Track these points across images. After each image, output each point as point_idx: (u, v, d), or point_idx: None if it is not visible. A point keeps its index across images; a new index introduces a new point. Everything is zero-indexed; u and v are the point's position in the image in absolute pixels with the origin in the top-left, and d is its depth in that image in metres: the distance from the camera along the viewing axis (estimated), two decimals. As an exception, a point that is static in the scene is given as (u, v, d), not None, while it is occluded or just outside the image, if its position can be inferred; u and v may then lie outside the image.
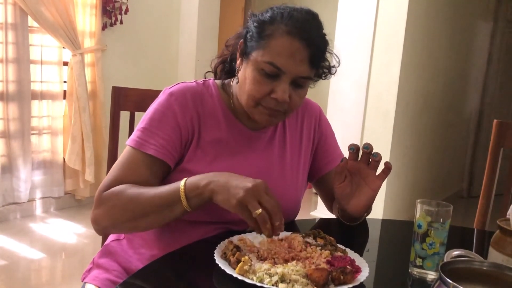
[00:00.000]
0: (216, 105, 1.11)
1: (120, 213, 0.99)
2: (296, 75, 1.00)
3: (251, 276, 0.82)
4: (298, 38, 0.98)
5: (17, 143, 3.18)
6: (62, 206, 3.53)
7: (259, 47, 1.01)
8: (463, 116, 4.71)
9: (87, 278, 1.15)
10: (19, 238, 2.95)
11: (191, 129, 1.07)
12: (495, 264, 0.71)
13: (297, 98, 1.04)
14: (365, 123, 3.33)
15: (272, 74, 1.00)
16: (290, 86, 1.01)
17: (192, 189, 0.93)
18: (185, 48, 4.15)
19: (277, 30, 0.99)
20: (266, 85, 1.01)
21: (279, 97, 1.00)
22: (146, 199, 0.97)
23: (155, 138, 1.04)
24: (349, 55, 3.31)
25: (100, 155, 3.60)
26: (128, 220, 0.99)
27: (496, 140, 1.48)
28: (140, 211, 0.97)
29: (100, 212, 1.00)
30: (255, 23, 1.03)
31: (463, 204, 4.61)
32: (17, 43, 3.09)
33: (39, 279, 2.57)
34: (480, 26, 4.59)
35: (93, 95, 3.55)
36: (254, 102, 1.03)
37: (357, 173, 1.10)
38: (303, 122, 1.23)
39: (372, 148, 1.07)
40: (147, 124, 1.05)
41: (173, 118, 1.06)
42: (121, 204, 0.98)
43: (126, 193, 0.98)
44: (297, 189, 1.19)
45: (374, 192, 1.10)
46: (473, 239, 1.30)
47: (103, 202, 1.00)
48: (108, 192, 1.00)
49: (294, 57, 0.98)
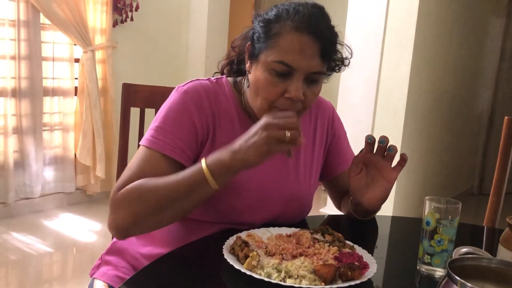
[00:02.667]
0: (230, 104, 1.09)
1: (143, 207, 0.93)
2: (308, 71, 0.97)
3: (259, 271, 0.82)
4: (306, 33, 0.95)
5: (29, 139, 3.22)
6: (73, 201, 3.56)
7: (267, 47, 0.98)
8: (474, 113, 4.67)
9: (95, 274, 1.16)
10: (31, 233, 2.98)
11: (207, 129, 1.05)
12: (503, 262, 0.70)
13: (312, 95, 1.00)
14: (375, 120, 3.32)
15: (283, 73, 0.97)
16: (303, 83, 0.98)
17: (217, 167, 0.89)
18: (195, 45, 4.16)
19: (284, 27, 0.96)
20: (279, 85, 0.97)
21: (294, 96, 0.97)
22: (169, 186, 0.92)
23: (170, 138, 1.00)
24: (359, 52, 3.26)
25: (111, 151, 3.63)
26: (153, 214, 0.93)
27: (506, 138, 1.47)
28: (165, 200, 0.92)
29: (119, 213, 0.94)
30: (261, 23, 1.00)
31: (474, 202, 4.57)
32: (29, 40, 3.12)
33: (50, 274, 2.60)
34: (492, 22, 4.54)
35: (104, 92, 3.58)
36: (268, 105, 0.99)
37: (372, 165, 1.09)
38: (317, 121, 1.21)
39: (388, 142, 1.06)
40: (162, 123, 1.02)
41: (189, 117, 1.03)
42: (142, 198, 0.93)
43: (145, 185, 0.93)
44: (310, 189, 1.18)
45: (390, 184, 1.09)
46: (483, 237, 1.29)
47: (120, 202, 0.94)
48: (123, 190, 0.94)
49: (304, 53, 0.95)
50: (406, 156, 1.05)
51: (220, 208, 1.06)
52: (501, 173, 1.48)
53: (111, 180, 3.60)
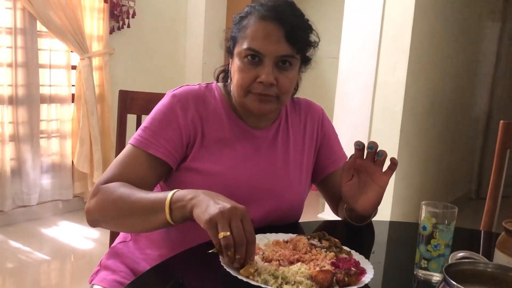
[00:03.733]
0: (219, 106, 1.14)
1: (109, 208, 0.99)
2: (276, 55, 1.04)
3: (256, 278, 0.82)
4: (270, 19, 1.04)
5: (26, 147, 3.21)
6: (71, 209, 3.55)
7: (239, 39, 1.08)
8: (471, 117, 4.68)
9: (94, 280, 1.16)
10: (28, 241, 2.97)
11: (193, 131, 1.10)
12: (500, 266, 0.71)
13: (285, 80, 1.07)
14: (372, 125, 3.32)
15: (254, 59, 1.05)
16: (275, 68, 1.05)
17: (177, 200, 0.90)
18: (192, 51, 4.16)
19: (251, 19, 1.07)
20: (251, 71, 1.05)
21: (264, 80, 1.03)
22: (135, 200, 0.96)
23: (156, 138, 1.06)
24: (355, 57, 3.30)
25: (108, 158, 3.62)
26: (115, 217, 1.00)
27: (502, 141, 1.47)
28: (126, 210, 0.97)
29: (93, 203, 1.01)
30: (235, 21, 1.11)
31: (472, 206, 4.57)
32: (26, 48, 3.12)
33: (48, 282, 2.59)
34: (487, 27, 4.56)
35: (101, 99, 3.58)
36: (244, 91, 1.07)
37: (363, 170, 1.11)
38: (306, 122, 1.24)
39: (377, 147, 1.08)
40: (149, 124, 1.08)
41: (174, 119, 1.09)
42: (111, 200, 0.99)
43: (119, 190, 0.99)
44: (301, 189, 1.20)
45: (382, 189, 1.10)
46: (480, 241, 1.29)
47: (97, 195, 1.01)
48: (104, 186, 1.02)
49: (270, 38, 1.03)
50: (396, 160, 1.07)
51: None
52: (497, 177, 1.48)
53: (108, 187, 3.58)
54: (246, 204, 1.08)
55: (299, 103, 1.26)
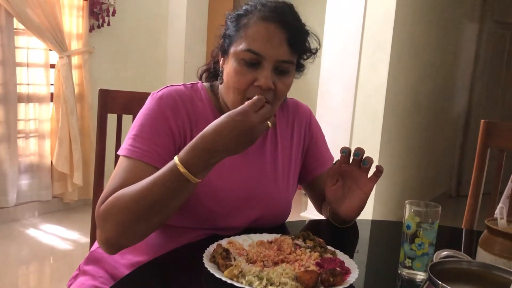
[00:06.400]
0: (207, 108, 1.09)
1: (126, 216, 0.89)
2: (276, 59, 0.99)
3: (240, 279, 0.81)
4: (272, 21, 0.98)
5: (3, 147, 3.14)
6: (50, 210, 3.49)
7: (237, 39, 1.01)
8: (451, 116, 4.75)
9: (73, 285, 1.13)
10: (7, 243, 2.91)
11: (184, 133, 1.04)
12: (483, 264, 0.71)
13: (282, 86, 1.01)
14: (354, 124, 3.34)
15: (252, 62, 0.98)
16: (273, 73, 0.99)
17: (195, 164, 0.85)
18: (173, 50, 4.13)
19: (252, 18, 1.00)
20: (248, 74, 0.99)
21: (263, 84, 0.98)
22: (146, 186, 0.88)
23: (148, 144, 0.99)
24: (337, 56, 3.32)
25: (88, 158, 3.57)
26: (137, 220, 0.89)
27: (483, 140, 1.49)
28: (148, 206, 0.88)
29: (105, 226, 0.90)
30: (232, 18, 1.04)
31: (452, 203, 4.64)
32: (2, 46, 3.05)
33: (26, 285, 2.54)
34: (466, 27, 4.63)
35: (81, 98, 3.52)
36: (240, 95, 1.00)
37: (348, 176, 1.10)
38: (294, 125, 1.22)
39: (363, 154, 1.07)
40: (139, 131, 1.01)
41: (165, 123, 1.02)
42: (123, 206, 0.89)
43: (123, 194, 0.90)
44: (288, 191, 1.18)
45: (365, 195, 1.10)
46: (462, 239, 1.30)
47: (104, 216, 0.91)
48: (104, 204, 0.91)
49: (271, 41, 0.98)
50: (382, 168, 1.07)
51: (198, 213, 1.05)
52: (478, 175, 1.50)
53: (88, 188, 3.54)
54: (234, 211, 1.08)
55: (286, 104, 1.23)
